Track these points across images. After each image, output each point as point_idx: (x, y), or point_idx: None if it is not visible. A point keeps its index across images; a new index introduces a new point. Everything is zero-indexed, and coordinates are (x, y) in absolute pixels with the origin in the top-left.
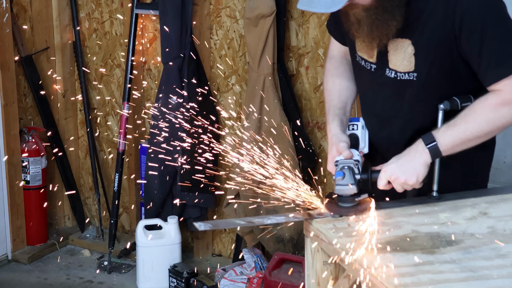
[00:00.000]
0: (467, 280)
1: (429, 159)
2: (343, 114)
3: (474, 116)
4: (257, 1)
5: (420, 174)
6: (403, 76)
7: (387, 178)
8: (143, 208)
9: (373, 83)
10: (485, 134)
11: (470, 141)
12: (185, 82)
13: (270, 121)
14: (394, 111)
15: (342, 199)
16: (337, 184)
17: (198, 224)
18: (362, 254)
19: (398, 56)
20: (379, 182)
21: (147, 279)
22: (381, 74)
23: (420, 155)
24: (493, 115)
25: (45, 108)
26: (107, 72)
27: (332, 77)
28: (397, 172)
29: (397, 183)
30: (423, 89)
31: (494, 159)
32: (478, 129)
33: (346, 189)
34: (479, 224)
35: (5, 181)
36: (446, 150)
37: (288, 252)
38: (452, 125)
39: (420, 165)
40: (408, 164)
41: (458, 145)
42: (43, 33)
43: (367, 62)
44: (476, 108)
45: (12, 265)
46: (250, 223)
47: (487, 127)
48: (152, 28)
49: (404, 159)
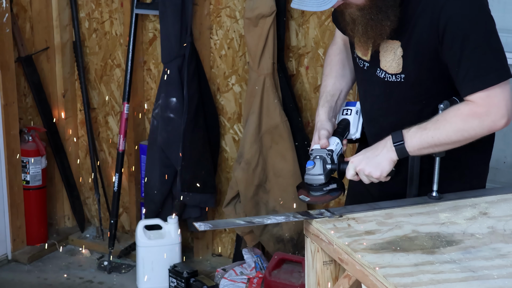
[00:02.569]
0: (467, 280)
1: (395, 157)
2: (334, 101)
3: (444, 124)
4: (257, 1)
5: (384, 170)
6: (390, 78)
7: (354, 169)
8: (143, 208)
9: (365, 81)
10: (452, 142)
11: (437, 147)
12: (185, 82)
13: (270, 121)
14: (381, 110)
15: (311, 188)
16: (306, 174)
17: (198, 224)
18: (362, 254)
19: (388, 58)
20: (347, 173)
21: (147, 279)
22: (372, 73)
23: (387, 151)
24: (463, 126)
25: (45, 108)
26: (107, 72)
27: (330, 64)
28: (363, 164)
29: (362, 174)
30: (410, 90)
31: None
32: (445, 137)
33: (314, 178)
34: (479, 224)
35: (5, 181)
36: (412, 151)
37: (288, 252)
38: (422, 128)
39: (385, 161)
40: (374, 158)
41: (424, 148)
42: (43, 33)
43: (361, 60)
44: (448, 116)
45: (12, 265)
46: (250, 223)
47: (455, 136)
48: (152, 28)
49: (371, 152)
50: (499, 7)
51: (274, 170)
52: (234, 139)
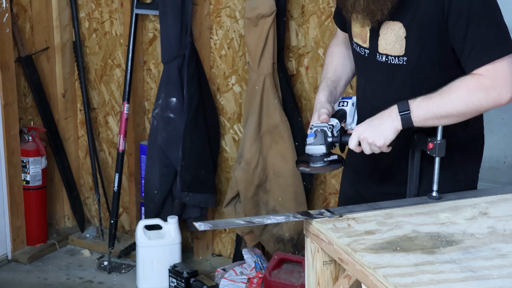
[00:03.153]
0: (467, 280)
1: (400, 126)
2: (334, 87)
3: (449, 94)
4: (257, 1)
5: (387, 138)
6: (393, 60)
7: (357, 138)
8: (143, 208)
9: (366, 69)
10: (457, 113)
11: (442, 118)
12: (185, 82)
13: (270, 121)
14: (383, 98)
15: (312, 158)
16: (307, 145)
17: (198, 224)
18: (362, 254)
19: (390, 39)
20: (350, 142)
21: (147, 279)
22: (373, 59)
23: (392, 120)
24: (469, 97)
25: (45, 108)
26: (107, 72)
27: (332, 53)
28: (366, 132)
29: (365, 142)
30: (412, 75)
31: (494, 159)
32: (451, 107)
33: (316, 148)
34: (479, 224)
35: (5, 181)
36: (417, 121)
37: (288, 252)
38: (428, 98)
39: (390, 130)
40: (378, 127)
41: (430, 118)
42: (43, 33)
43: (361, 48)
44: (454, 86)
45: (12, 265)
46: (250, 223)
47: (461, 106)
48: (152, 28)
49: (376, 121)
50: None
51: (274, 170)
52: (234, 139)
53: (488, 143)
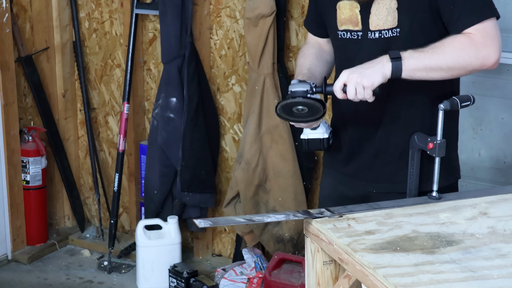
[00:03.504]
0: (467, 280)
1: (389, 72)
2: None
3: (442, 48)
4: (257, 1)
5: (376, 80)
6: (387, 34)
7: (344, 79)
8: (143, 208)
9: (360, 51)
10: (447, 67)
11: (431, 70)
12: (185, 82)
13: (270, 121)
14: None
15: (294, 93)
16: (291, 85)
17: (198, 221)
18: (362, 254)
19: (381, 15)
20: (336, 83)
21: (147, 279)
22: (365, 38)
23: (382, 65)
24: (460, 52)
25: (45, 108)
26: (107, 72)
27: (303, 56)
28: (356, 72)
29: (352, 83)
30: (406, 44)
31: (494, 159)
32: (442, 60)
33: (299, 86)
34: (479, 224)
35: (5, 181)
36: (407, 70)
37: (288, 252)
38: (419, 50)
39: (379, 72)
40: (369, 69)
41: (419, 70)
42: (43, 33)
43: (353, 33)
44: (446, 42)
45: (12, 265)
46: (250, 220)
47: (452, 61)
48: (152, 28)
49: (366, 65)
50: (499, 7)
51: (274, 170)
52: (234, 139)
53: (488, 143)
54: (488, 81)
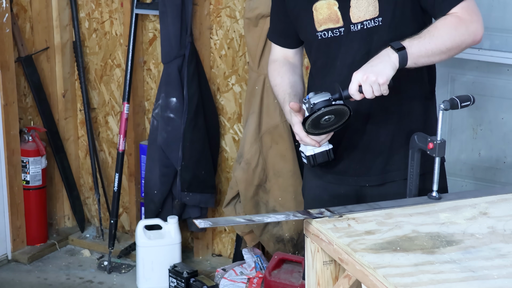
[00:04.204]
0: (467, 280)
1: (397, 63)
2: (297, 101)
3: (437, 31)
4: (257, 1)
5: (389, 74)
6: (369, 24)
7: (359, 80)
8: (143, 208)
9: (342, 47)
10: (446, 49)
11: (433, 55)
12: (185, 82)
13: (270, 121)
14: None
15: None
16: (311, 98)
17: (198, 221)
18: (362, 254)
19: (362, 6)
20: (350, 86)
21: (147, 279)
22: (348, 32)
23: (389, 58)
24: (454, 32)
25: (45, 108)
26: (107, 72)
27: (279, 74)
28: (368, 72)
29: (368, 82)
30: (388, 33)
31: (494, 159)
32: (441, 42)
33: (319, 96)
34: (479, 224)
35: (5, 181)
36: (412, 58)
37: (288, 252)
38: (417, 37)
39: (390, 66)
40: (378, 65)
41: (422, 56)
42: (43, 33)
43: (334, 30)
44: (438, 25)
45: (12, 265)
46: (250, 221)
47: (449, 41)
48: (152, 28)
49: (374, 61)
50: (499, 7)
51: (274, 170)
52: (234, 139)
53: (488, 143)
54: (488, 81)
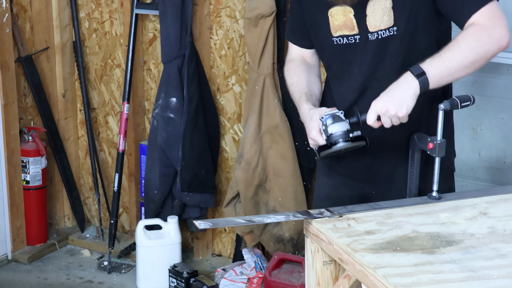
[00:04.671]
0: (467, 280)
1: (418, 90)
2: (314, 100)
3: (457, 45)
4: (257, 1)
5: (409, 105)
6: (384, 34)
7: (377, 112)
8: (143, 208)
9: (358, 54)
10: (469, 63)
11: (456, 72)
12: (185, 82)
13: (270, 121)
14: (376, 73)
15: (336, 137)
16: (329, 126)
17: (198, 223)
18: (362, 254)
19: (377, 15)
20: (368, 117)
21: (147, 279)
22: (365, 41)
23: (410, 87)
24: (476, 43)
25: (45, 108)
26: (107, 72)
27: (296, 73)
28: (388, 104)
29: (387, 115)
30: (403, 42)
31: (494, 159)
32: (463, 57)
33: (339, 125)
34: (479, 224)
35: (5, 181)
36: (434, 81)
37: (288, 252)
38: (437, 56)
39: (409, 96)
40: (398, 96)
41: (445, 75)
42: (43, 33)
43: (350, 37)
44: (459, 38)
45: (12, 265)
46: (250, 221)
47: (472, 55)
48: (152, 28)
49: (394, 91)
50: None
51: (274, 170)
52: (234, 139)
53: (488, 143)
54: (488, 81)
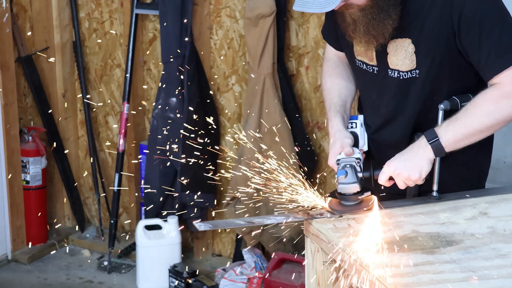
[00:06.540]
0: (467, 280)
1: (432, 156)
2: (344, 111)
3: (474, 110)
4: (257, 1)
5: (423, 170)
6: (405, 75)
7: (390, 174)
8: (143, 208)
9: (377, 84)
10: (486, 128)
11: (472, 136)
12: (185, 82)
13: (270, 121)
14: (398, 109)
15: (345, 197)
16: (339, 183)
17: (198, 224)
18: (362, 254)
19: (399, 56)
20: (380, 177)
21: (147, 279)
22: (384, 75)
23: (423, 151)
24: (494, 108)
25: (45, 108)
26: (107, 72)
27: (330, 77)
28: (401, 168)
29: (400, 178)
30: (426, 85)
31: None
32: (478, 123)
33: (349, 187)
34: (479, 224)
35: (5, 181)
36: (448, 145)
37: (288, 252)
38: (453, 120)
39: (424, 161)
40: (411, 160)
41: (460, 140)
42: (43, 33)
43: (368, 66)
44: (477, 102)
45: (12, 265)
46: (250, 223)
47: (488, 120)
48: (152, 28)
49: (408, 155)
50: None
51: None
52: (234, 139)
53: None
54: None
